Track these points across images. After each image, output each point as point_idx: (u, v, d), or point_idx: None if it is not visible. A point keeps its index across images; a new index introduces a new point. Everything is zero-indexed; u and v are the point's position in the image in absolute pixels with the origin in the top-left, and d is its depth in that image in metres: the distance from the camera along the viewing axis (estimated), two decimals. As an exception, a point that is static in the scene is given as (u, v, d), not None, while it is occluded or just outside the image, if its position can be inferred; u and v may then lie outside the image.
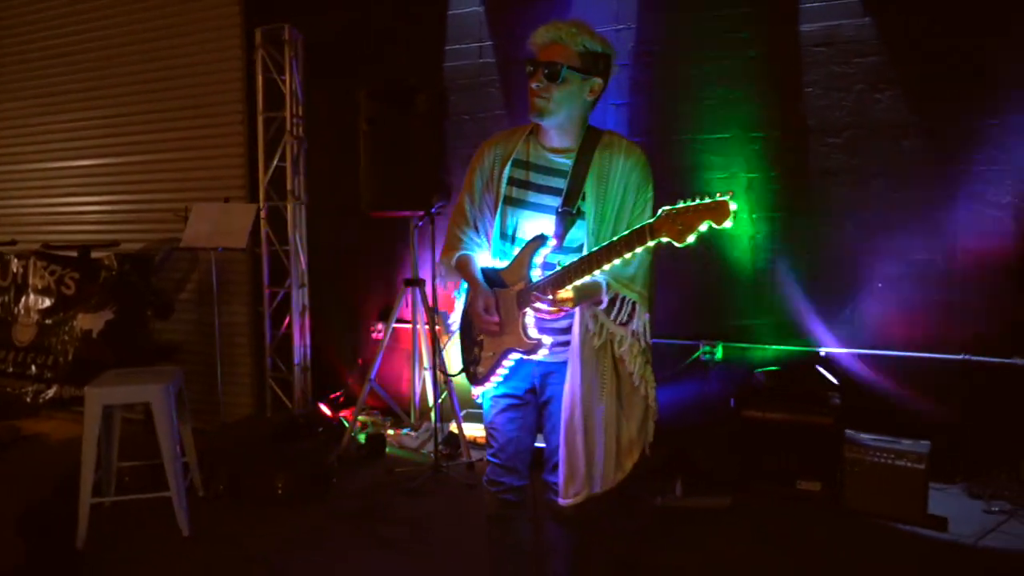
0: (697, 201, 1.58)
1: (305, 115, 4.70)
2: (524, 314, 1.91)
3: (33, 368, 4.32)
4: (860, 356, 3.60)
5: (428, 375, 4.34)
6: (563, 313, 1.87)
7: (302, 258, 4.74)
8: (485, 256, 2.05)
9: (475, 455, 3.81)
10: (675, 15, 3.88)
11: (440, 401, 3.95)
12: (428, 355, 4.35)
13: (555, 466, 1.98)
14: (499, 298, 1.95)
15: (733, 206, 1.55)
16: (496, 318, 1.93)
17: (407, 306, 4.39)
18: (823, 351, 3.66)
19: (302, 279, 4.75)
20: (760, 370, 3.62)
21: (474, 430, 4.01)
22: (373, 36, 4.58)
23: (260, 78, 4.59)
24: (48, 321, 4.35)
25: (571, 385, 1.90)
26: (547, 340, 1.91)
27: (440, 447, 3.78)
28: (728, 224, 1.56)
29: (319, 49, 4.71)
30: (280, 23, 4.55)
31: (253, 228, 4.32)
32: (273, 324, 4.75)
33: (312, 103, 4.73)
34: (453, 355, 4.03)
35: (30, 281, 4.44)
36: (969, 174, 3.39)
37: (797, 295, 3.73)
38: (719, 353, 3.84)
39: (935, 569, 2.71)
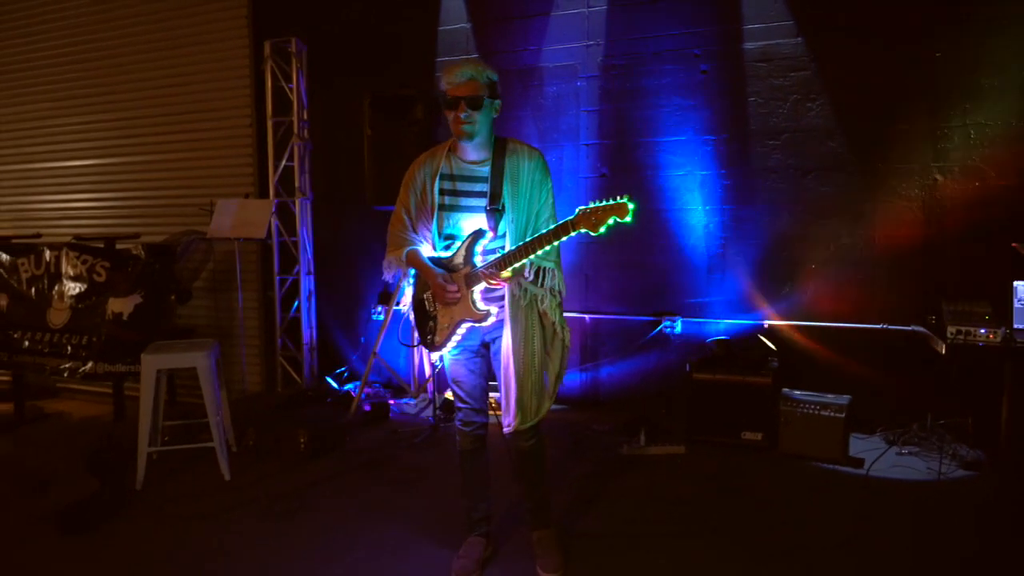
0: (606, 202, 2.18)
1: (309, 119, 5.23)
2: (472, 291, 2.46)
3: (69, 348, 4.80)
4: (796, 327, 4.22)
5: (420, 350, 4.90)
6: (504, 285, 2.42)
7: (308, 248, 5.27)
8: (425, 250, 2.59)
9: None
10: (637, 34, 4.45)
11: (437, 372, 4.50)
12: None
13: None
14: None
15: (631, 206, 2.17)
16: (456, 288, 2.48)
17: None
18: (766, 323, 4.27)
19: (309, 267, 5.28)
20: (711, 340, 4.23)
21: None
22: (373, 47, 5.10)
23: (269, 86, 5.10)
24: (81, 305, 4.83)
25: (508, 339, 2.46)
26: (494, 310, 2.47)
27: (437, 411, 4.36)
28: (628, 219, 2.17)
29: (322, 57, 5.22)
30: (287, 35, 5.07)
31: (266, 221, 4.85)
32: (282, 308, 5.28)
33: (314, 108, 5.25)
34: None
35: (63, 270, 4.91)
36: (884, 171, 4.00)
37: (744, 276, 4.34)
38: (679, 327, 4.44)
39: (850, 497, 3.30)
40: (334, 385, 5.04)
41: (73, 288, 4.88)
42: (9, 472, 3.82)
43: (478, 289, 2.46)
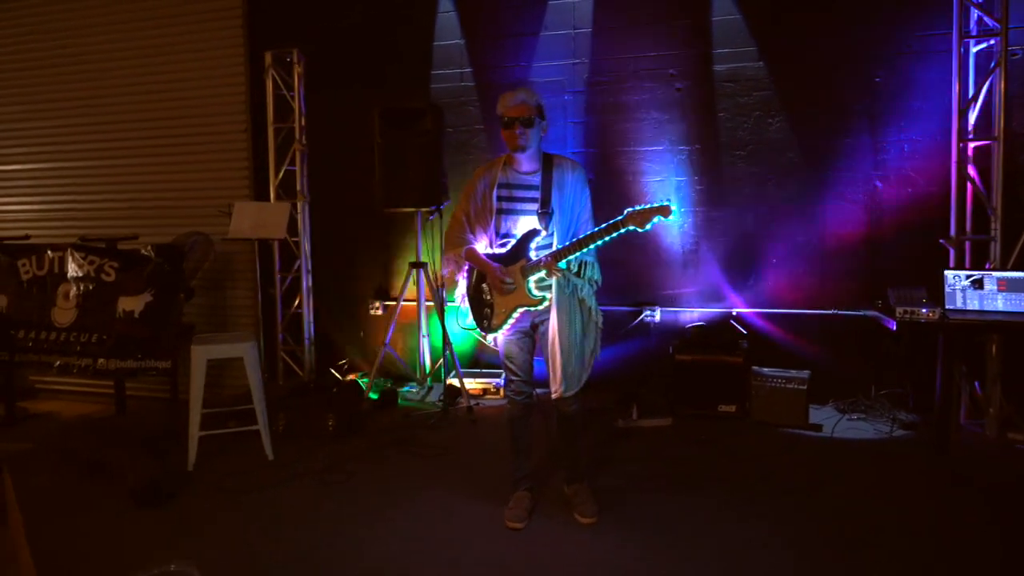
0: (652, 204, 2.67)
1: (307, 125, 5.53)
2: (528, 281, 2.92)
3: (78, 347, 4.95)
4: (761, 314, 4.83)
5: (426, 341, 5.29)
6: (557, 275, 2.88)
7: (308, 247, 5.58)
8: (480, 248, 3.04)
9: (472, 401, 4.82)
10: (620, 53, 4.98)
11: (443, 361, 4.91)
12: (425, 324, 5.29)
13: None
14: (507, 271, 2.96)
15: (674, 207, 2.68)
16: (512, 280, 2.94)
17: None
18: (735, 311, 4.87)
19: (309, 265, 5.58)
20: (689, 326, 4.80)
21: (471, 384, 5.00)
22: (369, 58, 5.46)
23: (271, 93, 5.38)
24: (88, 304, 4.99)
25: (554, 322, 2.91)
26: (549, 296, 2.93)
27: (441, 396, 4.77)
28: (672, 218, 2.68)
29: (319, 67, 5.53)
30: (284, 44, 5.35)
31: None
32: (283, 304, 5.56)
33: (312, 114, 5.55)
34: (450, 318, 4.99)
35: (67, 270, 5.05)
36: (833, 179, 4.66)
37: (715, 270, 4.93)
38: (658, 315, 4.99)
39: (812, 453, 3.91)
40: (338, 376, 5.37)
41: (80, 288, 5.03)
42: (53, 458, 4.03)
43: (533, 279, 2.91)
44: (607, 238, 2.75)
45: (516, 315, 2.97)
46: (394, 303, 5.46)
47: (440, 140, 4.78)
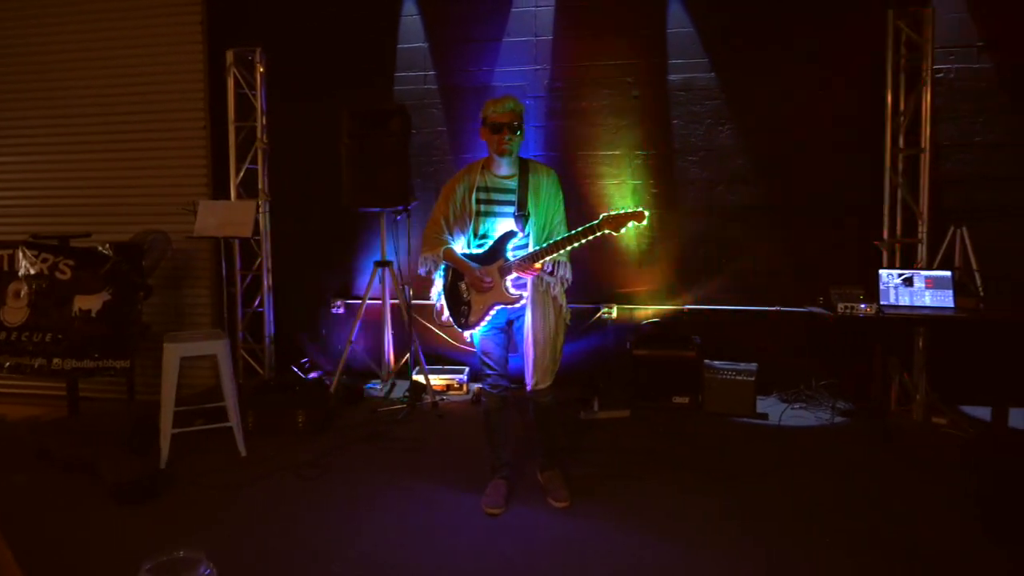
0: (627, 209, 2.88)
1: (268, 124, 5.52)
2: (505, 280, 3.09)
3: (30, 346, 4.83)
4: (711, 310, 5.12)
5: (390, 338, 5.38)
6: (534, 275, 3.05)
7: (267, 246, 5.58)
8: (457, 248, 3.19)
9: (437, 397, 4.94)
10: (578, 61, 5.19)
11: (408, 358, 5.01)
12: (390, 322, 5.38)
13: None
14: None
15: (647, 213, 2.88)
16: (490, 279, 3.10)
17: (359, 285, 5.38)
18: (686, 307, 5.15)
19: (270, 264, 5.59)
20: (645, 323, 5.05)
21: (435, 380, 5.12)
22: (334, 58, 5.51)
23: (232, 92, 5.37)
24: (42, 303, 4.87)
25: (529, 318, 3.11)
26: (525, 294, 3.11)
27: (406, 393, 4.88)
28: (643, 223, 2.87)
29: (280, 66, 5.54)
30: (245, 42, 5.34)
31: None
32: (243, 303, 5.55)
33: (272, 113, 5.54)
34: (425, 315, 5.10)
35: (19, 268, 4.92)
36: (778, 185, 4.98)
37: (668, 269, 5.19)
38: (614, 312, 5.22)
39: (765, 440, 4.20)
40: (300, 374, 5.39)
41: (33, 286, 4.91)
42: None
43: (510, 278, 3.07)
44: (583, 241, 2.92)
45: (493, 312, 3.12)
46: (356, 302, 5.53)
47: (408, 142, 4.88)
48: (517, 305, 3.11)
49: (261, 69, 5.36)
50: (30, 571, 1.86)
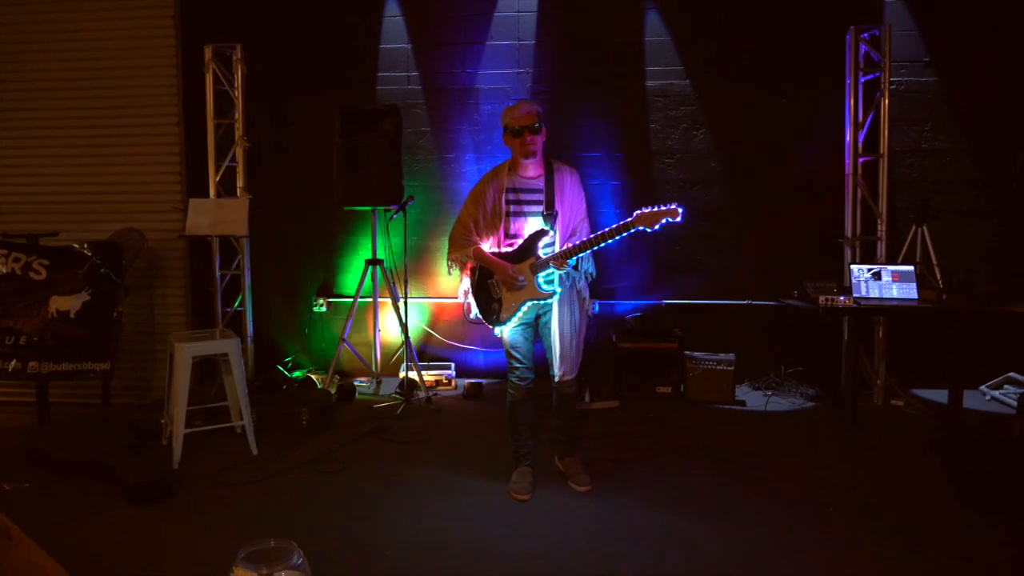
0: (661, 207, 3.07)
1: (247, 121, 5.46)
2: (537, 277, 3.24)
3: (4, 349, 4.61)
4: (689, 304, 5.41)
5: (379, 336, 5.42)
6: (565, 270, 3.22)
7: (247, 244, 5.51)
8: (485, 248, 3.32)
9: (430, 392, 5.03)
10: (561, 64, 5.38)
11: (399, 354, 5.07)
12: (380, 320, 5.41)
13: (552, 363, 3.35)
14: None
15: (681, 209, 3.06)
16: (523, 277, 3.25)
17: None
18: (665, 302, 5.42)
19: (250, 263, 5.51)
20: (629, 317, 5.29)
21: (425, 376, 5.20)
22: (316, 56, 5.49)
23: (211, 88, 5.28)
24: (18, 304, 4.67)
25: (558, 312, 3.28)
26: (558, 290, 3.27)
27: (397, 389, 4.95)
28: (679, 220, 3.06)
29: (261, 63, 5.48)
30: (227, 40, 5.27)
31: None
32: (222, 303, 5.46)
33: (251, 110, 5.48)
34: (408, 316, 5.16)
35: (-14, 268, 4.70)
36: (751, 186, 5.32)
37: (648, 266, 5.45)
38: (596, 307, 5.44)
39: (740, 424, 4.50)
40: (285, 373, 5.37)
41: (2, 287, 4.70)
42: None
43: (542, 275, 3.22)
44: (617, 238, 3.10)
45: (525, 308, 3.26)
46: (339, 299, 5.54)
47: (400, 141, 4.94)
48: (548, 300, 3.26)
49: (242, 66, 5.29)
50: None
